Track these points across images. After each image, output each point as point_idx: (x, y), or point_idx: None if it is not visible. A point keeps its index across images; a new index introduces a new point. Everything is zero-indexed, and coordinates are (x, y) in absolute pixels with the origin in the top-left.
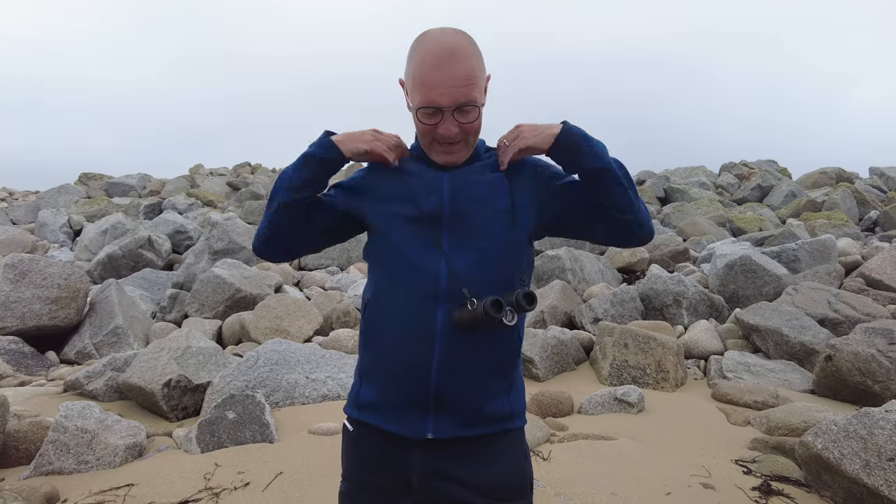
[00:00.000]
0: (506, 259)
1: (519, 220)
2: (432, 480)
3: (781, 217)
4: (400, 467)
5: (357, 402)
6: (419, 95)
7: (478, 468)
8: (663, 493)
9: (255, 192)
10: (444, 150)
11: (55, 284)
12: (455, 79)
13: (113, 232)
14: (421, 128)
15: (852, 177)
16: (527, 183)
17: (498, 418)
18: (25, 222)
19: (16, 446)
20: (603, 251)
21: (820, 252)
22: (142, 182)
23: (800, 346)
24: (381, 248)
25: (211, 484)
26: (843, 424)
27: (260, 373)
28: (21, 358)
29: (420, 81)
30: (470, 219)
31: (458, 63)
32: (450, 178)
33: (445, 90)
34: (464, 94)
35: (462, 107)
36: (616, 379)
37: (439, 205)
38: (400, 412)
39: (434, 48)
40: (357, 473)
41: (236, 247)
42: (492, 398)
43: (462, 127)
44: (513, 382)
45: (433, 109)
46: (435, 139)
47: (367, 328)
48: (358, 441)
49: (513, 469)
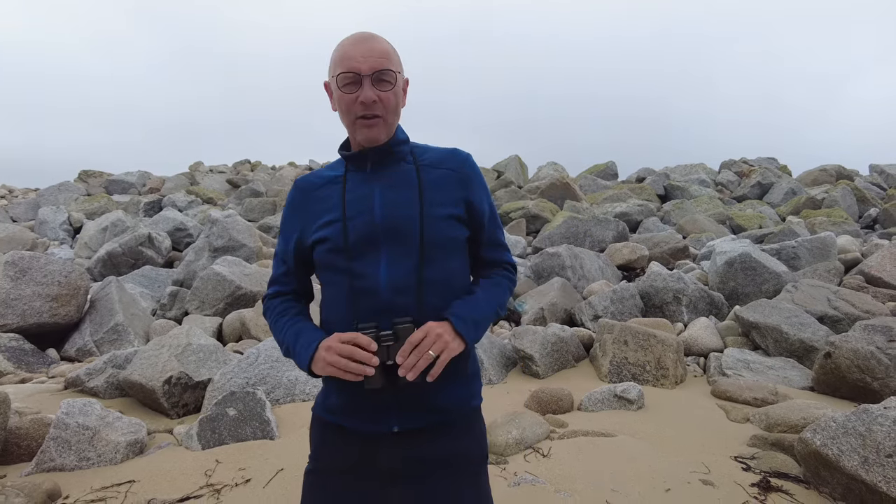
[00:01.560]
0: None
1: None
2: (397, 462)
3: (781, 214)
4: (365, 453)
5: (325, 406)
6: (338, 67)
7: (442, 447)
8: (663, 490)
9: (255, 189)
10: (365, 124)
11: (56, 282)
12: (372, 50)
13: (113, 229)
14: (343, 101)
15: (852, 174)
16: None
17: (456, 406)
18: (25, 220)
19: (17, 443)
20: (603, 248)
21: (820, 249)
22: (141, 179)
23: (799, 343)
24: (334, 277)
25: (212, 480)
26: (841, 421)
27: (260, 370)
28: (22, 355)
29: (339, 57)
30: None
31: (376, 42)
32: (380, 190)
33: (363, 58)
34: (380, 63)
35: (379, 74)
36: (616, 376)
37: (371, 220)
38: (365, 417)
39: (353, 35)
40: (322, 455)
41: (236, 244)
42: (450, 390)
43: (379, 95)
44: (467, 370)
45: (353, 75)
46: (356, 114)
47: None
48: (325, 424)
49: (473, 443)
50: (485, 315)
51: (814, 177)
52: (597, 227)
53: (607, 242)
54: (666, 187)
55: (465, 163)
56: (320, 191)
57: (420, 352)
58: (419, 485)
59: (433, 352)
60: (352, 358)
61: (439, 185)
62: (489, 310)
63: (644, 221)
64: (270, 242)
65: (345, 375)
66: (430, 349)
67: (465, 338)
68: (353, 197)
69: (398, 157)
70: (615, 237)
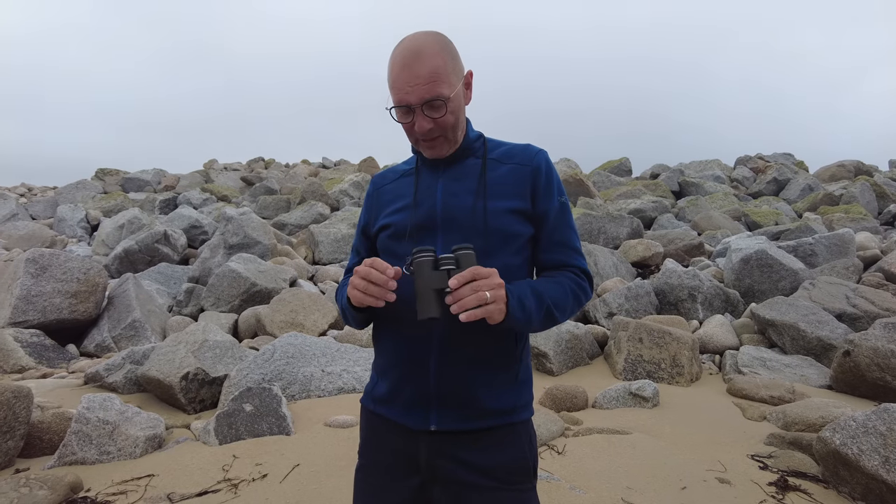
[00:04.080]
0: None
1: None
2: (439, 461)
3: (798, 211)
4: (408, 449)
5: (372, 396)
6: (392, 97)
7: (483, 454)
8: (678, 488)
9: (269, 186)
10: (427, 146)
11: (75, 279)
12: (418, 77)
13: (129, 227)
14: (403, 127)
15: (871, 170)
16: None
17: (500, 412)
18: (44, 217)
19: (40, 437)
20: (617, 245)
21: (838, 246)
22: (156, 177)
23: (817, 341)
24: (382, 252)
25: (229, 475)
26: (861, 420)
27: (276, 366)
28: (43, 351)
29: (391, 85)
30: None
31: (422, 63)
32: (443, 184)
33: (411, 88)
34: (428, 91)
35: (429, 102)
36: (631, 373)
37: (433, 209)
38: (407, 407)
39: (400, 52)
40: (370, 451)
41: (251, 241)
42: (493, 393)
43: (435, 122)
44: (516, 376)
45: (404, 108)
46: (416, 137)
47: (376, 329)
48: (372, 419)
49: (517, 456)
50: (532, 301)
51: (831, 172)
52: (611, 224)
53: (621, 239)
54: (680, 183)
55: (536, 157)
56: (392, 184)
57: (477, 287)
58: (458, 493)
59: (490, 296)
60: (368, 279)
61: (506, 179)
62: (537, 300)
63: (658, 218)
64: (284, 240)
65: (365, 298)
66: (487, 291)
67: (508, 305)
68: (422, 187)
69: (468, 154)
70: (629, 234)
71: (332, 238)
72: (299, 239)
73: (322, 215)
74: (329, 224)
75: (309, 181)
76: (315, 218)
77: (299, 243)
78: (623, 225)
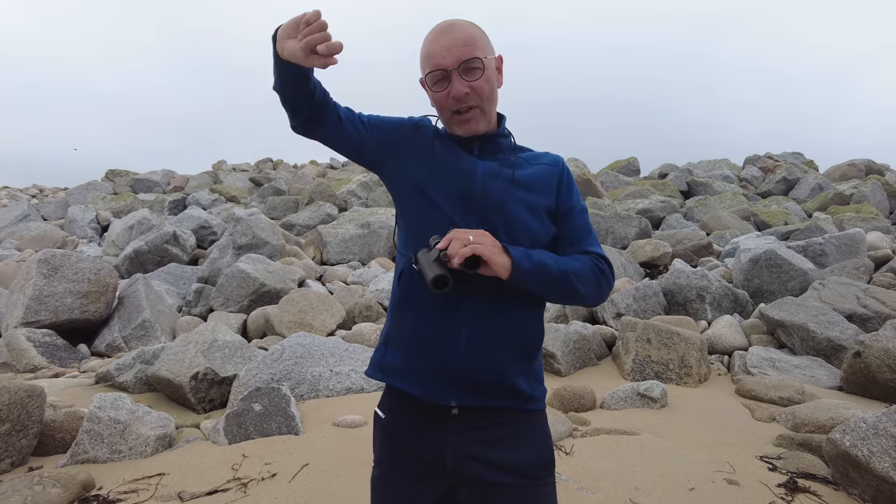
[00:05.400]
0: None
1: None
2: (465, 462)
3: (808, 211)
4: (434, 450)
5: (381, 366)
6: (426, 66)
7: (507, 450)
8: (686, 489)
9: (277, 187)
10: (459, 120)
11: (86, 279)
12: (454, 41)
13: (139, 227)
14: (436, 99)
15: (882, 169)
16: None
17: (518, 395)
18: (55, 218)
19: (52, 435)
20: (625, 245)
21: (848, 246)
22: (166, 178)
23: (827, 342)
24: (418, 222)
25: (239, 474)
26: (872, 422)
27: (285, 366)
28: (55, 350)
29: (425, 55)
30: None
31: (457, 30)
32: (483, 165)
33: (447, 52)
34: (465, 53)
35: (465, 63)
36: (639, 374)
37: (471, 186)
38: (424, 377)
39: (436, 27)
40: (391, 458)
41: (260, 242)
42: (513, 376)
43: (470, 85)
44: (532, 368)
45: (440, 72)
46: (451, 109)
47: (403, 293)
48: (391, 427)
49: (539, 449)
50: (546, 261)
51: (842, 172)
52: (619, 224)
53: (630, 239)
54: (689, 183)
55: (561, 162)
56: (439, 143)
57: (457, 236)
58: (484, 493)
59: (473, 237)
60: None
61: (535, 176)
62: (553, 262)
63: (667, 218)
64: (293, 240)
65: (311, 40)
66: (470, 237)
67: (511, 255)
68: (463, 163)
69: (502, 147)
70: (638, 234)
71: (340, 238)
72: (307, 239)
73: (330, 216)
74: (337, 224)
75: (317, 182)
76: (323, 218)
77: (307, 244)
78: (631, 225)
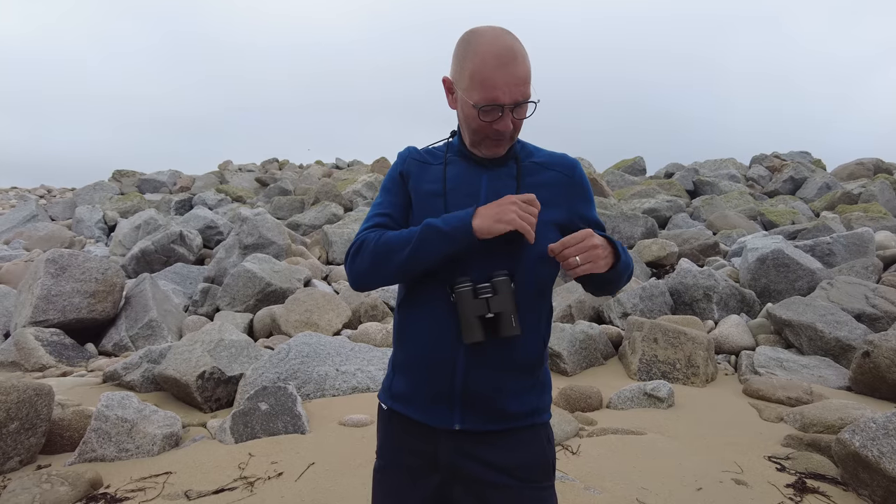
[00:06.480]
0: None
1: None
2: (458, 460)
3: (815, 210)
4: (427, 447)
5: (390, 393)
6: (480, 94)
7: (504, 453)
8: (694, 489)
9: (283, 187)
10: (493, 145)
11: (93, 279)
12: (517, 77)
13: (146, 227)
14: (477, 124)
15: (891, 168)
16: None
17: (523, 415)
18: (63, 218)
19: (60, 434)
20: (632, 245)
21: (856, 245)
22: (172, 178)
23: (835, 341)
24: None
25: (245, 473)
26: (882, 422)
27: (291, 365)
28: (63, 349)
29: (481, 80)
30: None
31: (518, 64)
32: (487, 179)
33: (508, 89)
34: (523, 94)
35: (520, 105)
36: (645, 374)
37: (475, 203)
38: (428, 405)
39: (494, 49)
40: (388, 450)
41: (266, 241)
42: (517, 395)
43: (515, 123)
44: (538, 379)
45: (495, 107)
46: (488, 136)
47: (400, 324)
48: (390, 419)
49: (537, 454)
50: (629, 261)
51: (849, 171)
52: (625, 224)
53: (636, 239)
54: (695, 182)
55: (576, 169)
56: (433, 168)
57: (582, 248)
58: (480, 492)
59: (599, 247)
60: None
61: (546, 186)
62: (629, 259)
63: (673, 217)
64: (299, 240)
65: (523, 225)
66: (598, 247)
67: (616, 248)
68: (456, 174)
69: (510, 156)
70: (644, 233)
71: (345, 238)
72: (313, 239)
73: (335, 216)
74: (342, 224)
75: (323, 182)
76: (329, 218)
77: (313, 243)
78: (637, 224)
